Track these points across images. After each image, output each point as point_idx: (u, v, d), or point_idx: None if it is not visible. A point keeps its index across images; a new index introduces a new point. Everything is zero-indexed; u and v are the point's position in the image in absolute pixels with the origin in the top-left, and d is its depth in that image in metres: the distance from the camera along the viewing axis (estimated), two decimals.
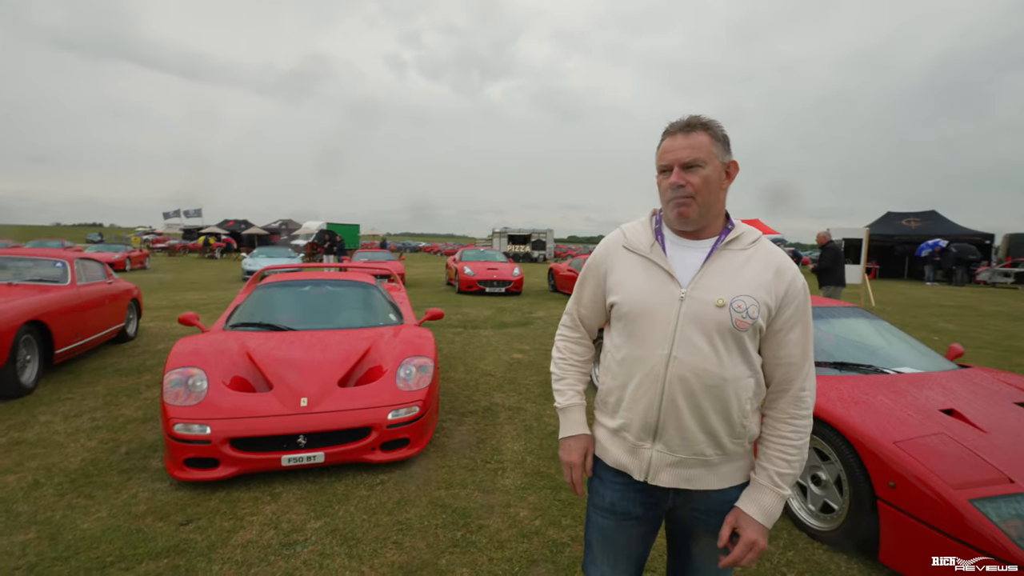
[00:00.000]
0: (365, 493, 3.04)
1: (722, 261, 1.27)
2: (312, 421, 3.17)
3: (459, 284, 13.83)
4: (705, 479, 1.30)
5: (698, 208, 1.26)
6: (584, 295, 1.46)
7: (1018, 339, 8.77)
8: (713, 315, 1.22)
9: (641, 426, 1.30)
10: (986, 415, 2.65)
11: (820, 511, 2.71)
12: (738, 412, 1.26)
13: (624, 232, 1.39)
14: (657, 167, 1.31)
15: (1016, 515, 2.06)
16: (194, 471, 3.04)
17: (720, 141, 1.27)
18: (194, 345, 3.67)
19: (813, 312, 3.87)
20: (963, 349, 3.69)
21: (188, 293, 13.03)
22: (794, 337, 1.28)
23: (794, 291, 1.27)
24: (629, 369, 1.30)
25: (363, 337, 4.06)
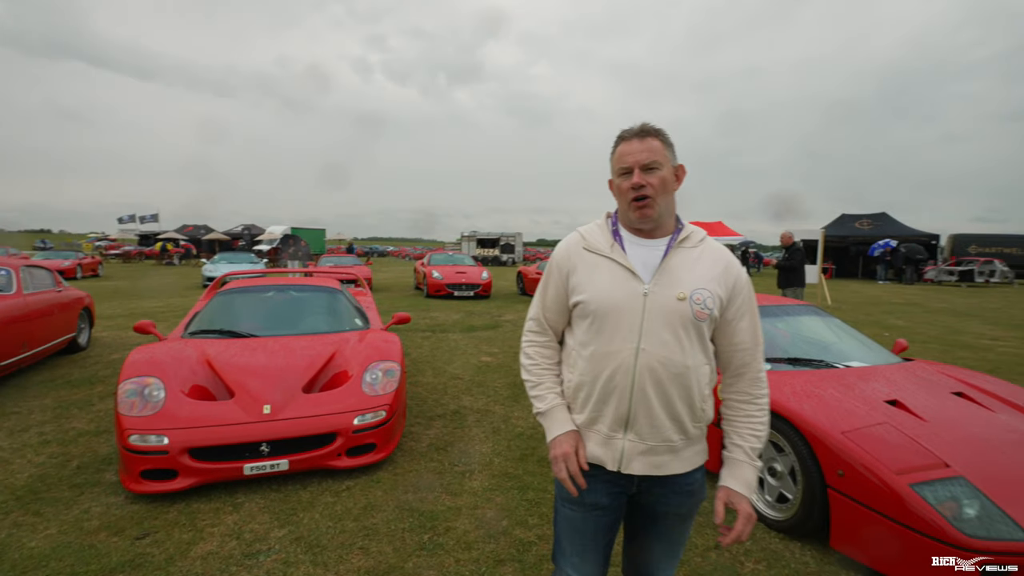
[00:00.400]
0: (331, 500, 3.01)
1: (678, 258, 1.37)
2: (275, 428, 3.12)
3: (427, 288, 13.75)
4: (672, 464, 1.39)
5: (657, 207, 1.35)
6: (548, 298, 1.50)
7: (961, 334, 9.28)
8: (676, 308, 1.32)
9: (614, 417, 1.37)
10: (927, 405, 2.82)
11: (776, 502, 2.83)
12: (699, 397, 1.37)
13: (583, 235, 1.46)
14: (615, 170, 1.40)
15: (951, 497, 2.19)
16: (151, 483, 2.95)
17: (670, 146, 1.38)
18: (150, 353, 3.56)
19: (770, 311, 4.01)
20: (907, 344, 3.90)
21: (144, 301, 12.57)
22: (745, 325, 1.41)
23: (741, 284, 1.40)
24: (599, 364, 1.36)
25: (328, 342, 4.02)
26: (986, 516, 2.14)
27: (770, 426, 2.81)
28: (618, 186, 1.40)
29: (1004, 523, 2.11)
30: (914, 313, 12.31)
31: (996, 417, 2.77)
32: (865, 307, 13.45)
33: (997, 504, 2.17)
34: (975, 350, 7.74)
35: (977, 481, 2.26)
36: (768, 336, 3.72)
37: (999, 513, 2.14)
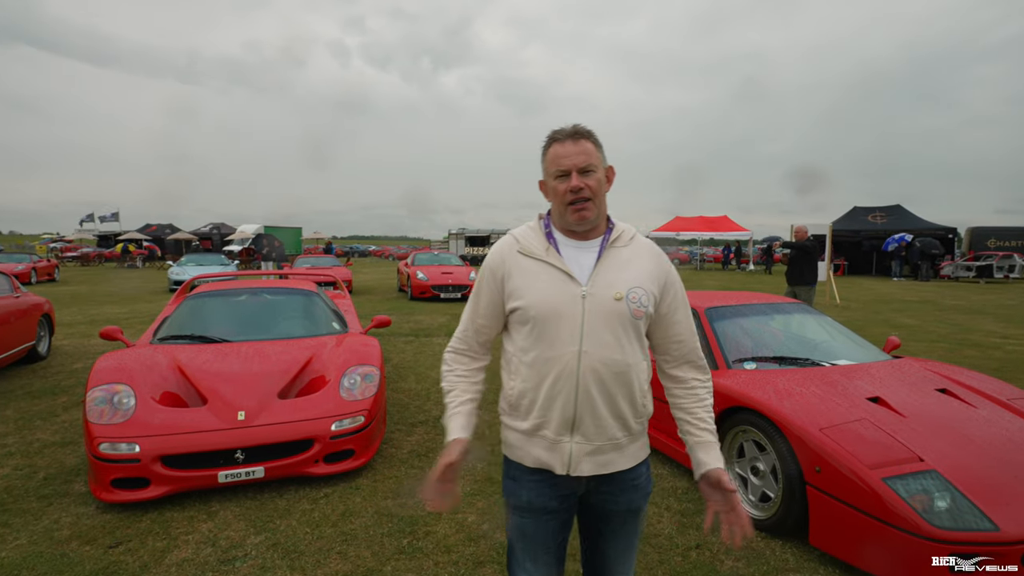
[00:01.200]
0: (308, 507, 3.18)
1: (611, 258, 1.49)
2: (250, 435, 3.29)
3: (411, 290, 13.92)
4: (618, 461, 1.51)
5: (595, 209, 1.47)
6: (481, 304, 1.57)
7: (972, 332, 9.57)
8: (614, 308, 1.44)
9: (560, 422, 1.46)
10: (908, 401, 3.03)
11: (760, 501, 3.03)
12: (639, 393, 1.50)
13: (516, 238, 1.55)
14: (549, 173, 1.49)
15: (922, 490, 2.40)
16: (122, 492, 3.11)
17: (600, 148, 1.49)
18: (119, 360, 3.72)
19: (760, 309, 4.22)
20: (900, 341, 4.13)
21: (106, 307, 12.65)
22: (680, 317, 1.55)
23: (672, 278, 1.55)
24: (541, 369, 1.45)
25: (304, 347, 4.19)
26: (956, 508, 2.34)
27: (751, 424, 3.02)
28: (553, 188, 1.48)
29: (972, 515, 2.32)
30: (926, 311, 12.62)
31: (976, 412, 2.99)
32: (875, 305, 13.76)
33: (968, 497, 2.38)
34: (983, 348, 8.02)
35: (949, 474, 2.47)
36: (757, 335, 3.94)
37: (968, 505, 2.35)
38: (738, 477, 3.19)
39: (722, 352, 3.66)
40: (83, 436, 4.19)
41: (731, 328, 3.88)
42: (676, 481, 3.54)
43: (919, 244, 24.17)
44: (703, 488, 1.51)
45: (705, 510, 1.49)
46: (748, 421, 3.06)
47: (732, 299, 4.33)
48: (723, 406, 3.22)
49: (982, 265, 23.56)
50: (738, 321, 3.98)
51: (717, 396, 3.28)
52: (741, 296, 4.52)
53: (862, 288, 19.16)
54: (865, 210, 28.65)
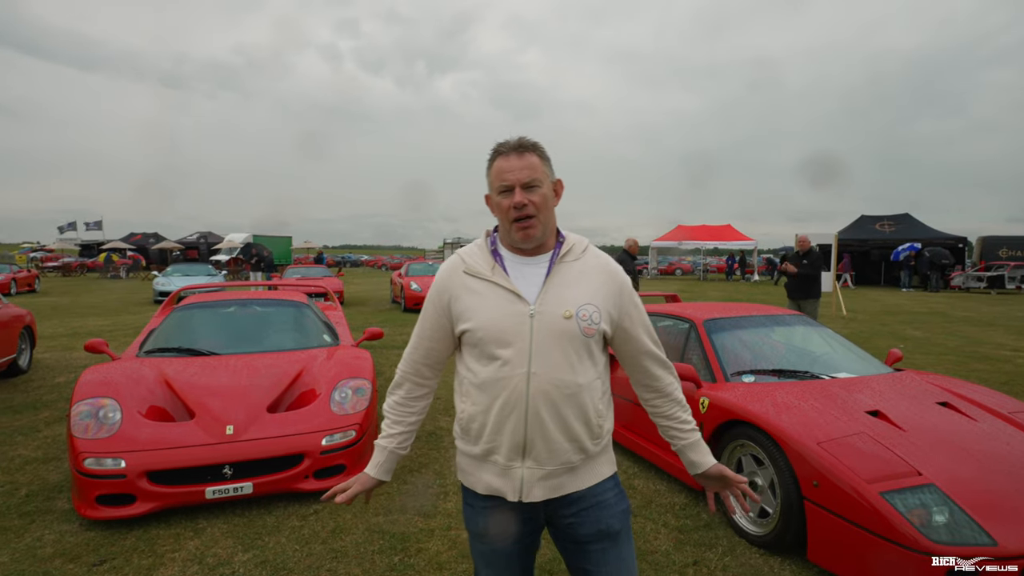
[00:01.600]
0: (297, 523, 3.22)
1: (561, 274, 1.48)
2: (239, 450, 3.34)
3: (405, 301, 13.98)
4: (572, 483, 1.50)
5: (541, 226, 1.46)
6: (426, 327, 1.58)
7: (982, 345, 9.66)
8: (563, 327, 1.43)
9: (510, 446, 1.45)
10: (908, 415, 3.09)
11: (758, 516, 3.08)
12: (594, 413, 1.49)
13: (462, 257, 1.55)
14: (493, 188, 1.48)
15: (920, 505, 2.46)
16: (107, 509, 3.15)
17: (547, 161, 1.50)
18: (104, 374, 3.77)
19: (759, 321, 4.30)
20: (902, 354, 4.20)
21: (89, 319, 12.68)
22: (640, 329, 1.56)
23: (628, 290, 1.55)
24: (490, 392, 1.45)
25: (294, 360, 4.24)
26: (954, 523, 2.40)
27: (749, 439, 3.08)
28: (497, 204, 1.47)
29: (971, 529, 2.37)
30: (935, 323, 12.71)
31: (977, 426, 3.05)
32: (882, 317, 13.86)
33: (966, 511, 2.44)
34: (992, 362, 8.10)
35: (948, 489, 2.53)
36: (756, 347, 4.01)
37: (967, 520, 2.41)
38: None
39: (720, 365, 3.73)
40: (66, 452, 4.23)
41: (730, 340, 3.95)
42: (673, 497, 3.59)
43: (928, 254, 24.35)
44: (705, 484, 1.59)
45: (706, 498, 1.59)
46: (746, 435, 3.12)
47: (731, 311, 4.40)
48: (721, 419, 3.28)
49: (993, 275, 23.72)
50: (737, 333, 4.05)
51: (715, 409, 3.34)
52: (740, 308, 4.59)
53: (869, 299, 19.28)
54: (872, 219, 28.86)
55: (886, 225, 28.10)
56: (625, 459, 4.20)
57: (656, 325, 4.69)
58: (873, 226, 28.36)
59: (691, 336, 4.09)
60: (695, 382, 3.57)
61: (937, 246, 25.36)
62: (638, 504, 3.49)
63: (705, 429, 3.37)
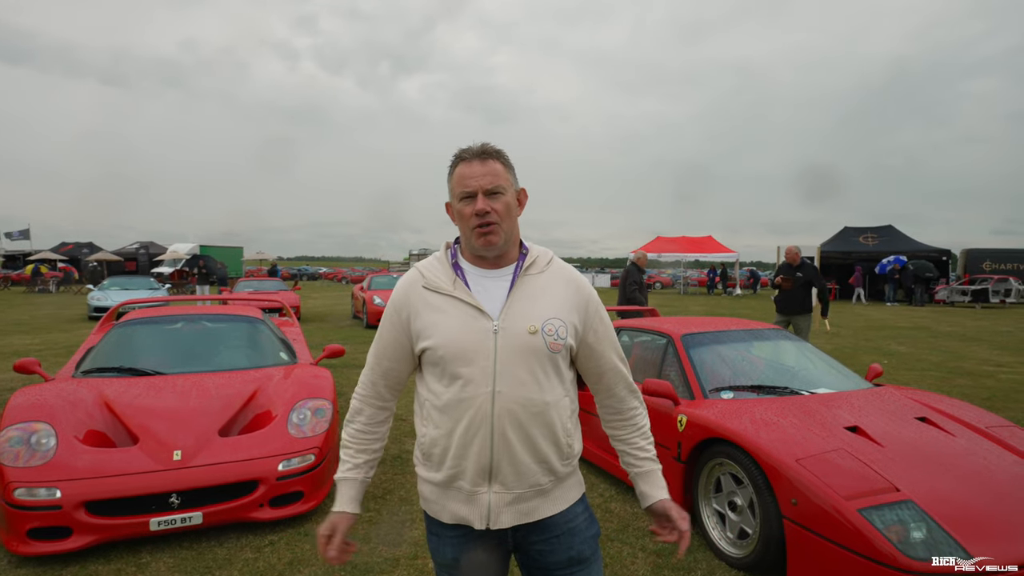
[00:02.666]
0: (251, 555, 3.20)
1: (525, 287, 1.50)
2: (187, 477, 3.31)
3: (367, 317, 13.91)
4: (542, 508, 1.52)
5: (504, 235, 1.48)
6: (383, 344, 1.59)
7: (965, 360, 10.07)
8: (528, 343, 1.45)
9: (475, 470, 1.46)
10: (886, 430, 3.25)
11: (738, 538, 3.18)
12: (563, 433, 1.51)
13: (421, 272, 1.55)
14: (454, 194, 1.51)
15: (898, 521, 2.59)
16: (40, 544, 3.09)
17: (511, 169, 1.53)
18: (37, 396, 3.70)
19: (738, 336, 4.45)
20: (882, 369, 4.39)
21: (13, 337, 12.28)
22: (607, 345, 1.58)
23: (594, 303, 1.58)
24: (453, 414, 1.46)
25: (248, 379, 4.22)
26: (931, 539, 2.53)
27: (727, 457, 3.18)
28: (459, 211, 1.49)
29: (948, 545, 2.51)
30: (919, 338, 13.20)
31: (955, 442, 3.22)
32: (866, 332, 14.33)
33: (943, 527, 2.57)
34: (975, 377, 8.46)
35: (926, 504, 2.66)
36: (735, 363, 4.14)
37: (944, 536, 2.54)
38: (716, 514, 3.34)
39: (698, 381, 3.85)
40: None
41: (708, 356, 4.08)
42: (651, 520, 3.67)
43: (912, 267, 25.26)
44: (653, 518, 1.60)
45: (655, 529, 1.60)
46: (725, 453, 3.23)
47: (709, 325, 4.55)
48: (699, 437, 3.38)
49: (977, 289, 24.72)
50: (716, 348, 4.18)
51: (693, 427, 3.45)
52: (719, 322, 4.74)
53: (853, 314, 19.89)
54: (856, 231, 29.84)
55: (870, 238, 29.07)
56: (601, 481, 4.28)
57: (633, 340, 4.81)
58: (856, 238, 29.31)
59: (668, 351, 4.20)
60: (673, 399, 3.67)
61: (921, 259, 26.33)
62: (615, 528, 3.57)
63: (684, 448, 3.47)
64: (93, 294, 17.15)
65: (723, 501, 3.29)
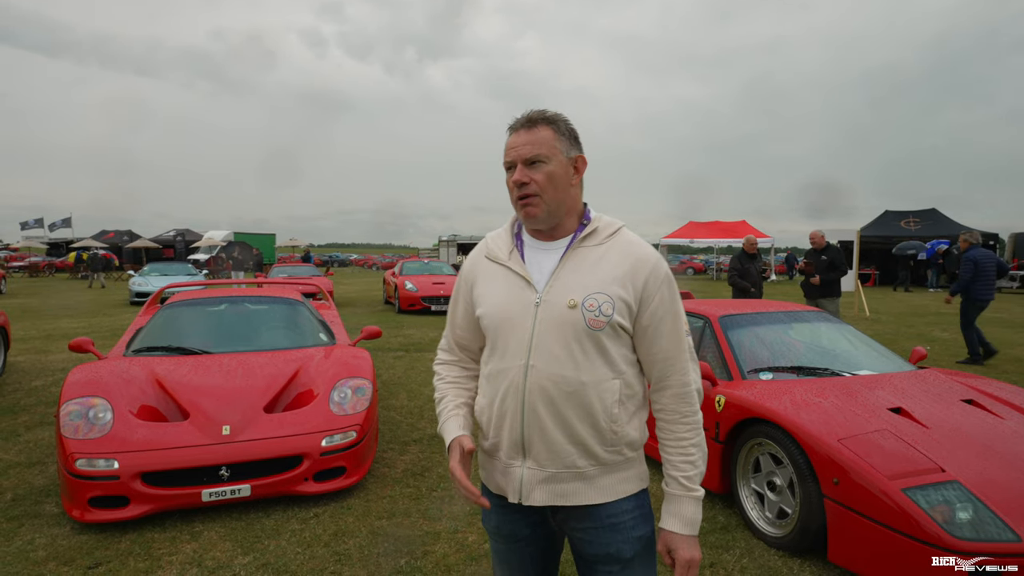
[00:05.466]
0: (298, 527, 3.33)
1: (576, 259, 1.45)
2: (235, 451, 3.44)
3: (400, 302, 14.09)
4: (583, 493, 1.44)
5: (545, 206, 1.43)
6: (458, 313, 1.63)
7: (1013, 347, 9.77)
8: (566, 317, 1.40)
9: (509, 443, 1.46)
10: (931, 412, 3.21)
11: (776, 518, 3.19)
12: (604, 417, 1.41)
13: (487, 241, 1.59)
14: (504, 166, 1.48)
15: (944, 501, 2.57)
16: (100, 512, 3.26)
17: (565, 135, 1.45)
18: (93, 372, 3.87)
19: (777, 318, 4.41)
20: (926, 352, 4.32)
21: (62, 321, 12.77)
22: (665, 331, 1.44)
23: (656, 281, 1.43)
24: (494, 384, 1.48)
25: (290, 359, 4.35)
26: (978, 520, 2.51)
27: (767, 436, 3.18)
28: (506, 182, 1.47)
29: (995, 526, 2.49)
30: None
31: (1003, 423, 3.17)
32: (907, 318, 13.99)
33: (990, 507, 2.55)
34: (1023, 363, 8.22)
35: (972, 485, 2.64)
36: (774, 344, 4.12)
37: (991, 516, 2.52)
38: (754, 493, 3.35)
39: (736, 362, 3.84)
40: (52, 455, 4.35)
41: (746, 337, 4.06)
42: None
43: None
44: (658, 543, 1.48)
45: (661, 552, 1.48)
46: (764, 433, 3.23)
47: (747, 307, 4.52)
48: (737, 418, 3.39)
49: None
50: (753, 330, 4.16)
51: (731, 408, 3.45)
52: (757, 304, 4.71)
53: (894, 299, 19.41)
54: (897, 215, 28.99)
55: (912, 221, 28.22)
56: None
57: None
58: (898, 223, 28.48)
59: (706, 333, 4.20)
60: (711, 380, 3.68)
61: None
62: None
63: (722, 428, 3.48)
64: (134, 279, 17.70)
65: (762, 481, 3.30)
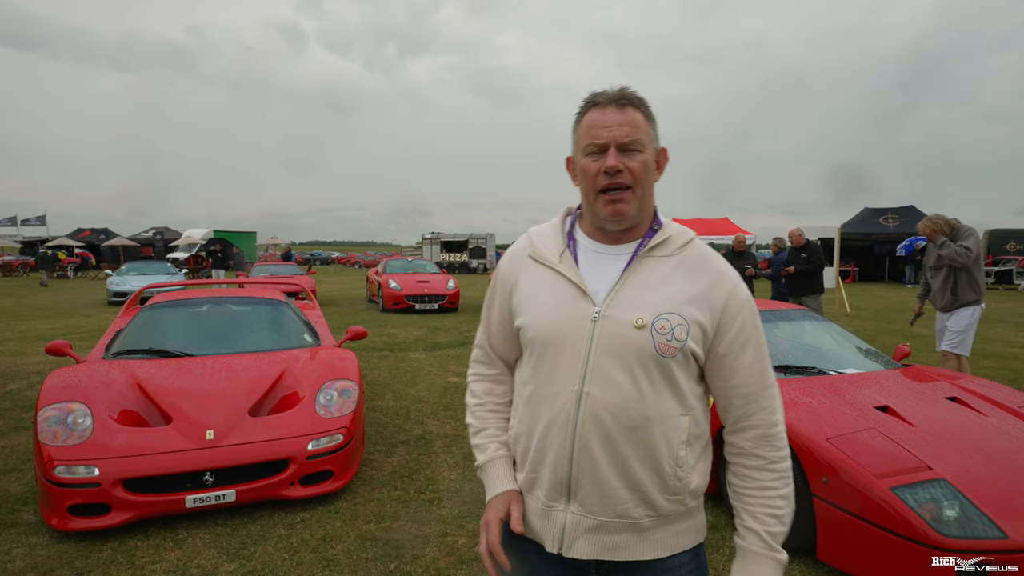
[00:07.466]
0: (284, 532, 3.28)
1: (644, 271, 1.23)
2: (220, 456, 3.38)
3: (383, 301, 14.00)
4: (635, 547, 1.24)
5: (636, 203, 1.21)
6: (492, 320, 1.41)
7: (989, 342, 9.96)
8: (632, 339, 1.18)
9: (551, 482, 1.24)
10: (917, 410, 3.25)
11: None
12: (669, 460, 1.21)
13: (531, 238, 1.35)
14: (580, 147, 1.24)
15: (931, 499, 2.60)
16: (80, 520, 3.18)
17: (654, 123, 1.25)
18: (71, 377, 3.78)
19: (765, 317, 4.44)
20: (910, 350, 4.37)
21: (37, 322, 12.50)
22: (746, 361, 1.24)
23: (736, 304, 1.23)
24: (536, 410, 1.26)
25: (275, 361, 4.29)
26: (964, 517, 2.55)
27: None
28: (583, 168, 1.23)
29: (981, 523, 2.52)
30: None
31: (987, 421, 3.21)
32: (888, 314, 14.19)
33: (976, 505, 2.58)
34: (1001, 359, 8.38)
35: (958, 483, 2.67)
36: None
37: (977, 513, 2.55)
38: None
39: None
40: (29, 461, 4.24)
41: None
42: None
43: None
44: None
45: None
46: None
47: None
48: None
49: (1001, 271, 24.34)
50: None
51: None
52: None
53: (873, 296, 19.69)
54: (876, 211, 29.42)
55: (890, 218, 28.66)
56: None
57: None
58: (877, 219, 28.92)
59: None
60: None
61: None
62: None
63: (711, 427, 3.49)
64: (112, 279, 17.39)
65: None
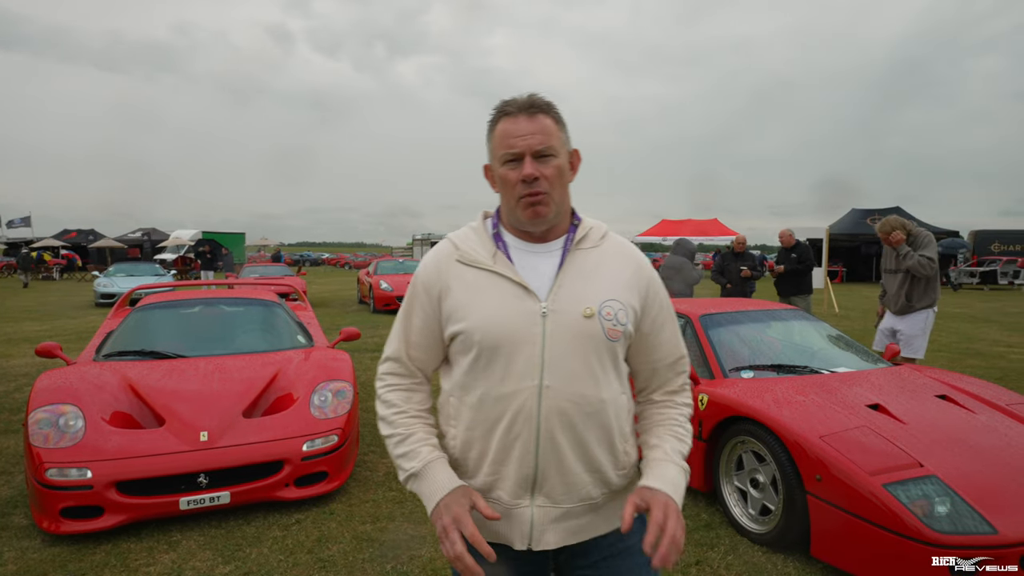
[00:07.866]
0: (279, 534, 3.27)
1: (577, 264, 1.30)
2: (214, 457, 3.37)
3: (374, 302, 13.98)
4: (594, 526, 1.32)
5: (555, 205, 1.28)
6: (412, 330, 1.36)
7: (975, 341, 10.11)
8: (584, 328, 1.25)
9: (516, 479, 1.27)
10: (908, 408, 3.29)
11: (760, 514, 3.24)
12: (619, 437, 1.32)
13: (455, 243, 1.35)
14: (496, 157, 1.29)
15: (923, 495, 2.63)
16: (72, 523, 3.15)
17: (563, 126, 1.30)
18: (62, 379, 3.75)
19: (756, 316, 4.48)
20: (899, 348, 4.43)
21: (23, 324, 12.37)
22: (666, 336, 1.38)
23: (655, 286, 1.37)
24: (492, 411, 1.26)
25: (268, 362, 4.27)
26: (956, 513, 2.58)
27: (750, 435, 3.22)
28: (502, 177, 1.28)
29: (972, 519, 2.56)
30: None
31: (975, 418, 3.26)
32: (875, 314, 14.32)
33: (967, 501, 2.62)
34: (987, 358, 8.50)
35: (949, 479, 2.71)
36: (754, 343, 4.18)
37: (968, 510, 2.59)
38: (737, 491, 3.40)
39: (718, 361, 3.88)
40: (19, 464, 4.21)
41: (726, 336, 4.11)
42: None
43: None
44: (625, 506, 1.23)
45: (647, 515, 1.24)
46: (746, 431, 3.27)
47: (727, 306, 4.58)
48: (720, 416, 3.43)
49: (986, 271, 24.66)
50: (734, 329, 4.21)
51: (714, 406, 3.49)
52: (736, 303, 4.77)
53: (861, 296, 19.87)
54: (864, 212, 29.72)
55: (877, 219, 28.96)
56: None
57: None
58: (864, 220, 29.21)
59: (687, 332, 4.23)
60: (693, 379, 3.72)
61: None
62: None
63: (705, 426, 3.52)
64: (99, 280, 17.24)
65: (745, 479, 3.34)
